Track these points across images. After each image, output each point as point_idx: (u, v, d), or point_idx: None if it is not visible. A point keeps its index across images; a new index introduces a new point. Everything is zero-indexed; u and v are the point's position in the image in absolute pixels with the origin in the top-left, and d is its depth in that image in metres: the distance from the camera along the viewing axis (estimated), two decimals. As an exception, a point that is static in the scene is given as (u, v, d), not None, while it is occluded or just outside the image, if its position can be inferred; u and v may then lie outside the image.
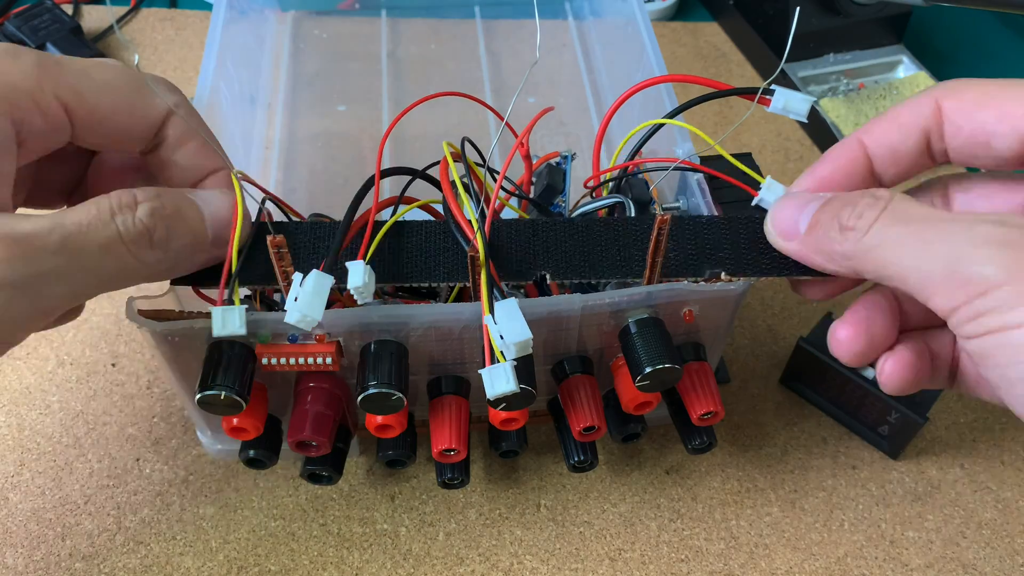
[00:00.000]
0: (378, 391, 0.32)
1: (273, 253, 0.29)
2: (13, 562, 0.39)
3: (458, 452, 0.36)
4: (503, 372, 0.29)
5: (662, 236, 0.30)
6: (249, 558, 0.39)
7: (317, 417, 0.35)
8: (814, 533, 0.41)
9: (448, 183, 0.33)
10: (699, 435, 0.39)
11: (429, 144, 0.54)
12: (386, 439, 0.37)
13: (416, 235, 0.33)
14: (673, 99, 0.42)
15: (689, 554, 0.40)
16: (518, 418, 0.36)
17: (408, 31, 0.63)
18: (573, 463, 0.39)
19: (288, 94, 0.58)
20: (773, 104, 0.34)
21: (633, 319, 0.35)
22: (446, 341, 0.34)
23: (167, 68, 0.63)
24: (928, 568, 0.40)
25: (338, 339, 0.33)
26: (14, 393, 0.45)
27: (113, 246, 0.28)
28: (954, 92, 0.29)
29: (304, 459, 0.37)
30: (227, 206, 0.32)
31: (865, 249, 0.27)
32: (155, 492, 0.41)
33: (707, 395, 0.37)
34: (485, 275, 0.30)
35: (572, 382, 0.37)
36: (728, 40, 0.68)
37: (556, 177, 0.42)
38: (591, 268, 0.33)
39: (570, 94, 0.58)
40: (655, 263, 0.32)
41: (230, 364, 0.32)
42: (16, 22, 0.60)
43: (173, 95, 0.32)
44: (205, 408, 0.32)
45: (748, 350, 0.48)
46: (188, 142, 0.32)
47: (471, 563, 0.40)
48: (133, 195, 0.29)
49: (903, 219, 0.26)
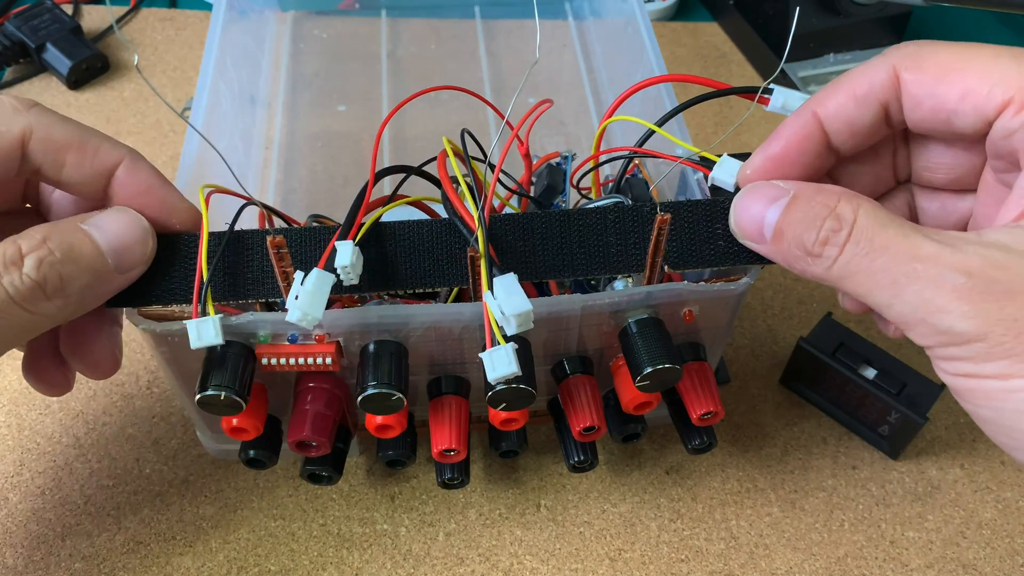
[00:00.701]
0: (378, 391, 0.32)
1: (273, 254, 0.29)
2: (13, 562, 0.39)
3: (458, 452, 0.36)
4: (504, 354, 0.28)
5: (662, 236, 0.30)
6: (249, 558, 0.39)
7: (317, 417, 0.35)
8: (814, 533, 0.41)
9: (447, 176, 0.33)
10: (699, 435, 0.39)
11: (429, 144, 0.54)
12: (386, 439, 0.37)
13: (408, 237, 0.32)
14: (673, 99, 0.42)
15: (689, 554, 0.40)
16: (518, 418, 0.36)
17: (408, 31, 0.63)
18: (573, 463, 0.39)
19: (288, 94, 0.58)
20: (772, 103, 0.34)
21: (633, 319, 0.34)
22: (446, 341, 0.34)
23: (167, 68, 0.63)
24: (928, 568, 0.40)
25: (338, 339, 0.33)
26: (14, 393, 0.45)
27: (5, 308, 0.26)
28: (914, 62, 0.28)
29: (304, 459, 0.37)
30: (124, 228, 0.29)
31: (835, 278, 0.27)
32: (155, 492, 0.41)
33: (707, 395, 0.37)
34: (484, 249, 0.29)
35: (572, 382, 0.37)
36: (728, 40, 0.68)
37: (556, 177, 0.42)
38: (590, 264, 0.32)
39: (570, 94, 0.58)
40: (655, 263, 0.31)
41: (230, 364, 0.32)
42: (16, 22, 0.60)
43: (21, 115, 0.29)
44: (205, 408, 0.32)
45: (748, 350, 0.48)
46: (64, 152, 0.29)
47: (471, 563, 0.40)
48: (17, 246, 0.27)
49: (869, 251, 0.25)
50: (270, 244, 0.29)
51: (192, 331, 0.30)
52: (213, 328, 0.30)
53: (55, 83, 0.61)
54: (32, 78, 0.61)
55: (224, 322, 0.31)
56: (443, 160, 0.34)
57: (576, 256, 0.32)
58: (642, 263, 0.32)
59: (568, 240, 0.32)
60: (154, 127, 0.59)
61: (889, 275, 0.25)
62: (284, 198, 0.52)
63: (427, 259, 0.32)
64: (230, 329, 0.32)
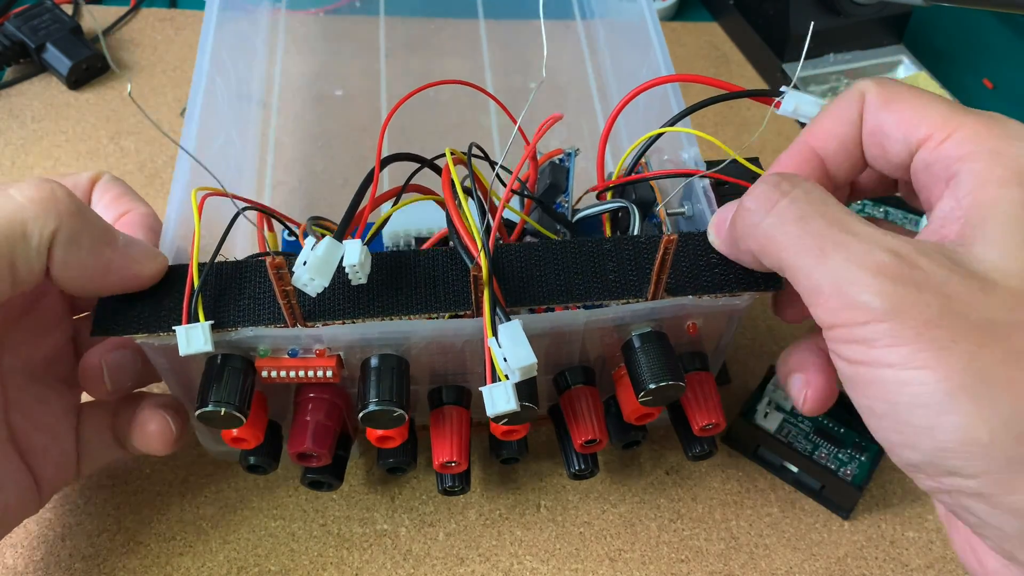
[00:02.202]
0: (379, 408, 0.32)
1: (273, 274, 0.29)
2: (13, 562, 0.39)
3: (459, 464, 0.36)
4: (504, 391, 0.28)
5: (668, 255, 0.30)
6: (249, 558, 0.39)
7: (318, 428, 0.35)
8: (814, 533, 0.41)
9: (451, 196, 0.32)
10: (700, 444, 0.38)
11: (431, 142, 0.54)
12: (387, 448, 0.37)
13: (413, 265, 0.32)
14: (680, 99, 0.42)
15: (689, 554, 0.40)
16: (519, 429, 0.36)
17: (408, 30, 0.63)
18: (574, 472, 0.38)
19: (287, 93, 0.58)
20: (784, 107, 0.34)
21: (637, 332, 0.34)
22: (448, 353, 0.34)
23: (167, 68, 0.63)
24: (928, 568, 0.40)
25: (338, 353, 0.33)
26: (14, 393, 0.45)
27: None
28: (877, 85, 0.29)
29: (305, 467, 0.37)
30: None
31: (761, 235, 0.27)
32: (155, 492, 0.41)
33: (709, 407, 0.36)
34: (488, 295, 0.29)
35: (574, 393, 0.37)
36: (728, 40, 0.68)
37: (559, 175, 0.42)
38: (595, 290, 0.32)
39: (576, 93, 0.58)
40: (660, 280, 0.31)
41: (229, 379, 0.31)
42: (16, 22, 0.60)
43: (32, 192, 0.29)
44: (204, 423, 0.32)
45: (748, 350, 0.48)
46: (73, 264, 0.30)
47: (471, 563, 0.40)
48: None
49: (801, 216, 0.26)
50: (269, 265, 0.29)
51: (181, 337, 0.30)
52: (202, 335, 0.30)
53: (55, 83, 0.61)
54: (32, 78, 0.61)
55: (224, 337, 0.31)
56: (447, 180, 0.33)
57: (575, 283, 0.32)
58: (640, 289, 0.32)
59: (567, 268, 0.32)
60: (154, 127, 0.59)
61: (818, 240, 0.25)
62: (283, 198, 0.52)
63: (429, 286, 0.32)
64: (230, 343, 0.32)
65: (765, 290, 0.32)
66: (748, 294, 0.33)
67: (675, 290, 0.32)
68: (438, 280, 0.32)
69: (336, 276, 0.30)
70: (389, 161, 0.35)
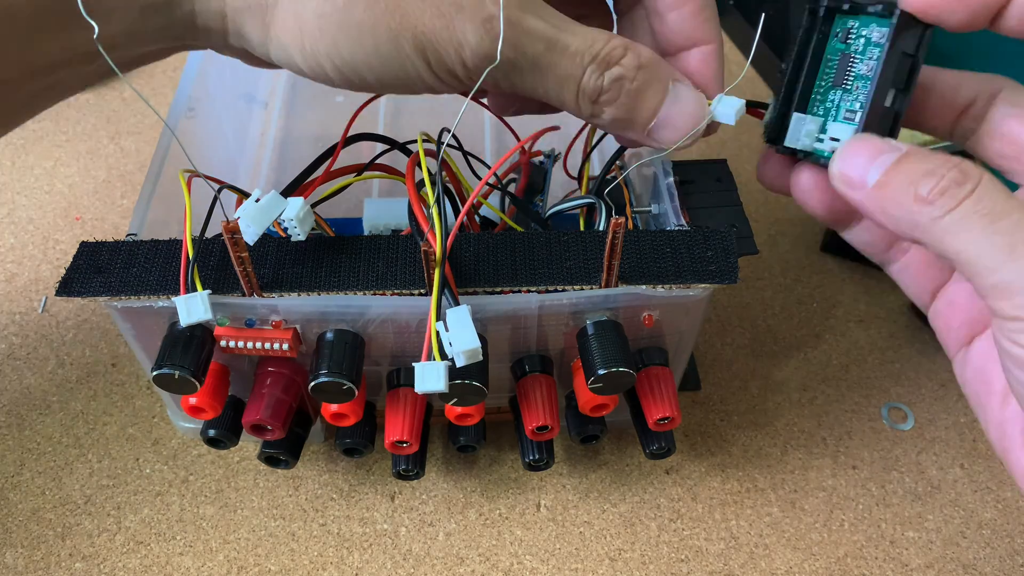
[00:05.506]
0: (329, 380, 0.33)
1: (228, 239, 0.30)
2: (13, 562, 0.39)
3: (410, 444, 0.37)
4: (435, 371, 0.29)
5: (617, 240, 0.30)
6: (249, 558, 0.39)
7: (273, 401, 0.35)
8: (814, 533, 0.41)
9: (413, 185, 0.33)
10: (657, 440, 0.39)
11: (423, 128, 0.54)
12: (343, 427, 0.38)
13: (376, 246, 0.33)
14: None
15: (689, 554, 0.40)
16: (473, 414, 0.37)
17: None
18: (528, 462, 0.39)
19: (286, 93, 0.58)
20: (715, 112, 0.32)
21: (591, 320, 0.35)
22: (404, 334, 0.35)
23: (167, 68, 0.63)
24: (928, 568, 0.40)
25: (295, 326, 0.34)
26: (14, 393, 0.45)
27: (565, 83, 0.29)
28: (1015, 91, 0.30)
29: (262, 442, 0.38)
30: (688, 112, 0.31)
31: (939, 230, 0.26)
32: (155, 492, 0.41)
33: (664, 400, 0.37)
34: (439, 275, 0.30)
35: (528, 381, 0.37)
36: (728, 40, 0.68)
37: (537, 176, 0.43)
38: (549, 276, 0.33)
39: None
40: (611, 266, 0.32)
41: (187, 344, 0.33)
42: (16, 22, 0.60)
43: None
44: (161, 386, 0.33)
45: (748, 350, 0.48)
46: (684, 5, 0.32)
47: (471, 563, 0.40)
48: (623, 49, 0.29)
49: (990, 213, 0.25)
50: (224, 229, 0.30)
51: (181, 308, 0.31)
52: (202, 304, 0.31)
53: (55, 83, 0.61)
54: (32, 78, 0.61)
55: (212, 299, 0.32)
56: (412, 168, 0.34)
57: (530, 269, 0.33)
58: (595, 278, 0.33)
59: (525, 256, 0.33)
60: (154, 127, 0.59)
61: (1008, 239, 0.25)
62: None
63: (388, 265, 0.33)
64: None
65: (718, 283, 0.33)
66: (701, 286, 0.33)
67: (628, 278, 0.33)
68: (398, 261, 0.33)
69: (295, 250, 0.31)
70: (355, 140, 0.36)
